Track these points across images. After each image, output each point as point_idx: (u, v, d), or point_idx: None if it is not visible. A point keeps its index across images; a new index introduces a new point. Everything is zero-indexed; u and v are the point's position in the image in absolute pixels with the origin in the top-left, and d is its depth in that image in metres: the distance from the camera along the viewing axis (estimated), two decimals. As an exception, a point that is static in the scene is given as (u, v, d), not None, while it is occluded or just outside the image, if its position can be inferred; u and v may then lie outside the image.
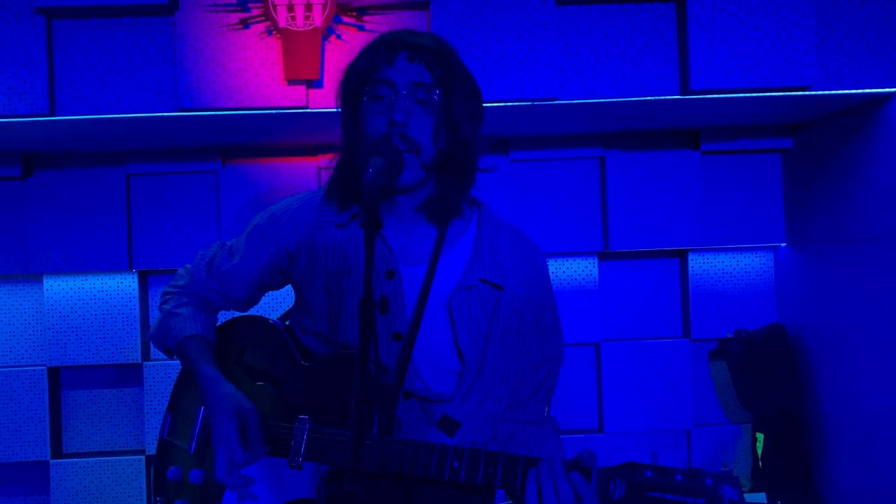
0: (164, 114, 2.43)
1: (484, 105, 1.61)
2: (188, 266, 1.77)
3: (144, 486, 2.99)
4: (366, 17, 2.44)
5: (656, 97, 2.49)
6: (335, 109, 1.60)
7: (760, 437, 3.02)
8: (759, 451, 3.02)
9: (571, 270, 3.13)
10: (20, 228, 2.98)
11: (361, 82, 1.52)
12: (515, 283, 1.59)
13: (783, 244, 3.15)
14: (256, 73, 2.42)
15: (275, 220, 1.67)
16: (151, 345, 3.06)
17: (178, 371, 1.78)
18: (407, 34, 1.53)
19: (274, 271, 1.68)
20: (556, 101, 2.47)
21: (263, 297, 1.80)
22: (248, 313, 1.78)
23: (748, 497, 3.01)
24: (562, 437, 1.71)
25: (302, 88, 2.42)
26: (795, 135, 3.07)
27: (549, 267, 3.17)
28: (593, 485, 1.33)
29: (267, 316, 1.75)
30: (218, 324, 1.78)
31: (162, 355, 2.91)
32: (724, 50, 2.44)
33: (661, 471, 1.31)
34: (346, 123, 1.58)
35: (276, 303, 2.85)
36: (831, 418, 2.89)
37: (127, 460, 2.99)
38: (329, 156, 1.65)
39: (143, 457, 3.00)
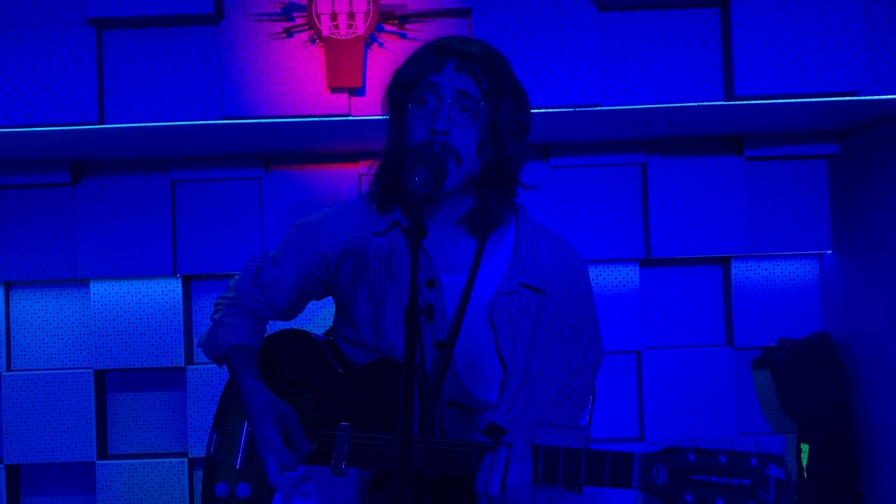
0: (209, 122, 2.47)
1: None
2: (236, 278, 1.80)
3: (187, 487, 3.03)
4: (408, 26, 2.45)
5: (700, 103, 2.47)
6: (377, 117, 1.61)
7: (805, 447, 2.97)
8: (805, 462, 2.97)
9: (612, 277, 3.11)
10: (68, 234, 3.04)
11: (407, 88, 1.52)
12: (557, 287, 1.58)
13: (829, 251, 3.09)
14: (300, 81, 2.44)
15: (311, 231, 1.67)
16: (195, 348, 3.12)
17: (221, 379, 1.81)
18: (456, 41, 1.52)
19: (314, 283, 1.69)
20: (598, 108, 2.46)
21: (309, 308, 1.82)
22: (289, 326, 1.80)
23: (793, 509, 2.96)
24: (603, 446, 1.69)
25: (344, 96, 2.44)
26: (842, 140, 3.02)
27: (591, 274, 3.15)
28: (636, 471, 1.31)
29: (311, 329, 1.77)
30: (267, 333, 1.80)
31: (205, 359, 2.95)
32: (770, 55, 2.40)
33: (704, 453, 1.29)
34: (391, 129, 1.58)
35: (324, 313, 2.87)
36: (881, 429, 2.83)
37: (170, 462, 3.03)
38: (369, 162, 1.65)
39: (185, 459, 3.04)
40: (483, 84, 1.49)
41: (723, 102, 2.46)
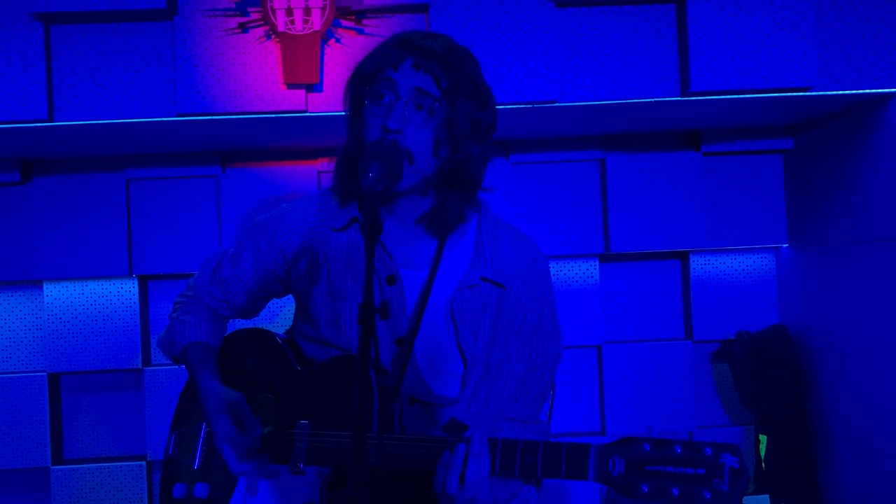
0: (164, 119, 2.42)
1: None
2: (195, 275, 1.77)
3: (146, 491, 2.98)
4: (365, 21, 2.43)
5: (657, 99, 2.49)
6: (335, 113, 1.59)
7: (763, 438, 3.01)
8: (763, 453, 3.01)
9: (573, 273, 3.12)
10: (20, 234, 2.97)
11: (365, 83, 1.50)
12: (518, 282, 1.58)
13: (785, 245, 3.14)
14: (256, 77, 2.41)
15: (269, 228, 1.65)
16: (152, 350, 3.07)
17: (179, 380, 1.78)
18: (418, 37, 1.49)
19: (273, 279, 1.67)
20: (557, 104, 2.47)
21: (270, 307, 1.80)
22: (249, 325, 1.78)
23: (751, 500, 3.00)
24: (564, 440, 1.69)
25: (301, 92, 2.41)
26: (796, 135, 3.07)
27: (551, 269, 3.16)
28: (592, 462, 1.32)
29: (271, 328, 1.75)
30: (227, 331, 1.78)
31: (163, 360, 2.91)
32: (725, 51, 2.43)
33: (660, 444, 1.30)
34: (349, 124, 1.56)
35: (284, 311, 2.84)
36: (835, 419, 2.88)
37: (128, 466, 2.98)
38: (328, 159, 1.63)
39: (144, 462, 2.99)
40: (442, 82, 1.46)
41: (679, 98, 2.49)
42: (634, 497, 1.29)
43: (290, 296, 1.74)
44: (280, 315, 2.95)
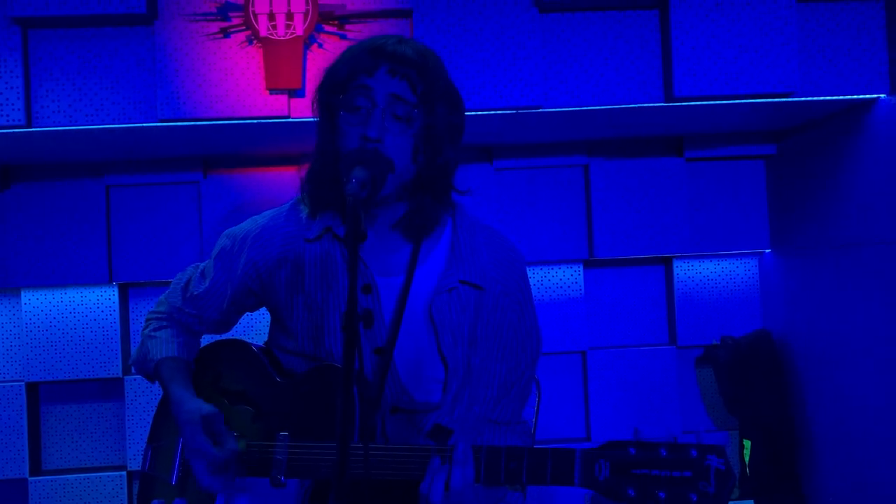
0: (144, 124, 2.39)
1: (467, 114, 1.58)
2: (166, 291, 1.75)
3: (126, 502, 2.94)
4: (348, 26, 2.42)
5: (640, 105, 2.49)
6: (316, 118, 1.56)
7: (747, 443, 3.02)
8: (747, 458, 3.01)
9: (557, 278, 3.12)
10: (-3, 241, 2.93)
11: (339, 91, 1.47)
12: (495, 283, 1.57)
13: (767, 250, 3.15)
14: (237, 82, 2.39)
15: (239, 241, 1.63)
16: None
17: (160, 389, 1.75)
18: (390, 42, 1.47)
19: (246, 293, 1.65)
20: (540, 110, 2.46)
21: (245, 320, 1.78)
22: (225, 337, 1.75)
23: (736, 504, 3.01)
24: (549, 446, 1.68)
25: (284, 98, 2.40)
26: (779, 141, 3.08)
27: (535, 276, 3.18)
28: (577, 467, 1.32)
29: (248, 339, 1.73)
30: (201, 346, 1.76)
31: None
32: (708, 57, 2.44)
33: (645, 447, 1.30)
34: (321, 131, 1.53)
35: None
36: (818, 424, 2.89)
37: (108, 476, 2.94)
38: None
39: (124, 473, 2.95)
40: (418, 88, 1.44)
41: (662, 104, 2.49)
42: (621, 501, 1.29)
43: (264, 309, 1.72)
44: (261, 322, 2.92)
